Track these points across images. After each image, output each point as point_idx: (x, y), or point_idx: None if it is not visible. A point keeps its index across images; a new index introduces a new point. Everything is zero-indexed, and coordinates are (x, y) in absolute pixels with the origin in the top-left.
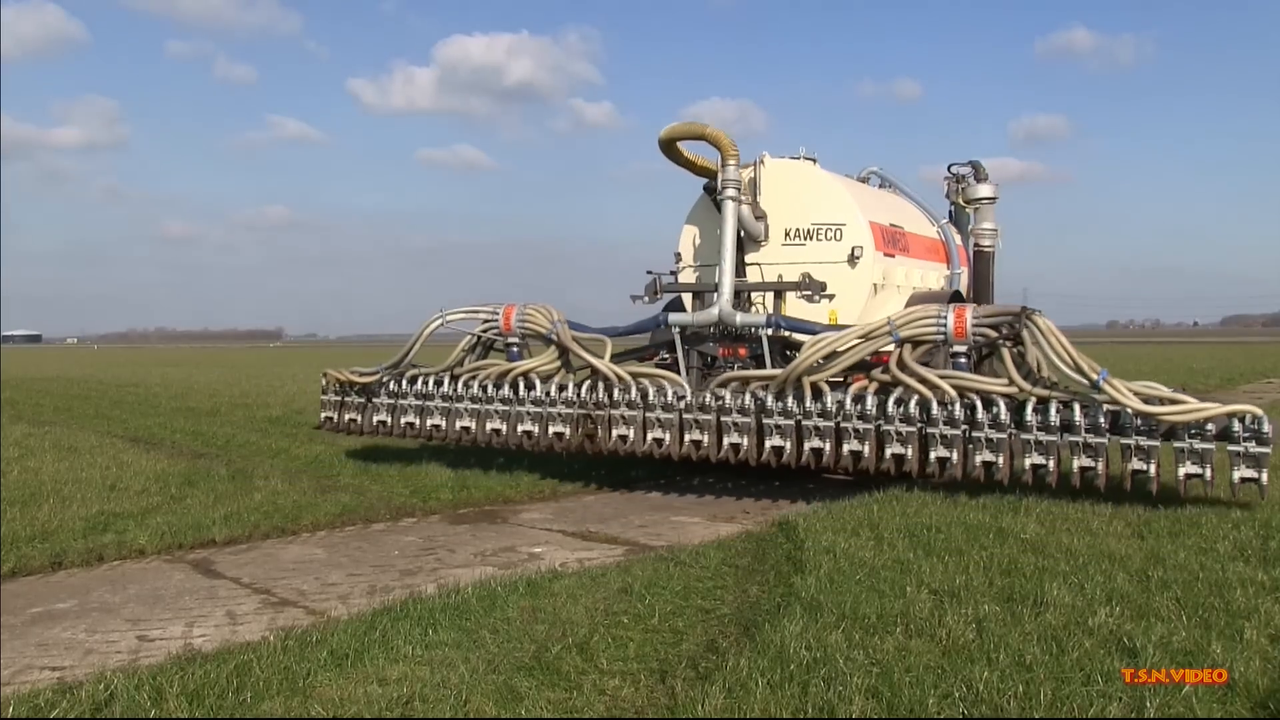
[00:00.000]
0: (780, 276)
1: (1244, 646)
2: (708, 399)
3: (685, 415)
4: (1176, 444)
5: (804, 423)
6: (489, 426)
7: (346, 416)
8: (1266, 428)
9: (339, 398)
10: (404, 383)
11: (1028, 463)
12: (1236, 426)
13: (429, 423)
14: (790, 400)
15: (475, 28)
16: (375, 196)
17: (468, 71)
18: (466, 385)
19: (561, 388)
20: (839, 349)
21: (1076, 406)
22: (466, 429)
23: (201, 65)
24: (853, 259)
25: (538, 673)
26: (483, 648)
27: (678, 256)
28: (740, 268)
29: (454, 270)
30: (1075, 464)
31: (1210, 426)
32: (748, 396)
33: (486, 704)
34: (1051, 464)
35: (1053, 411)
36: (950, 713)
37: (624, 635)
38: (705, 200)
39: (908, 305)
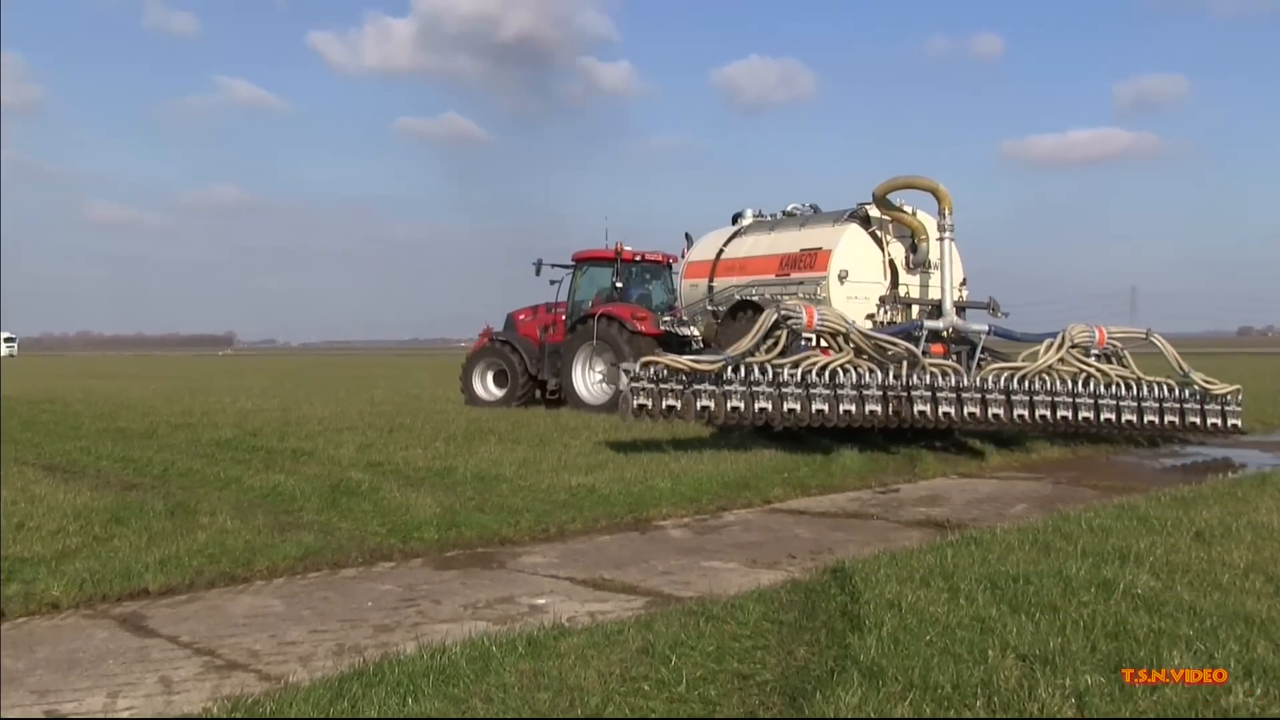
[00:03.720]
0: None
1: None
2: (978, 381)
3: (964, 394)
4: (1207, 405)
5: (1035, 397)
6: (814, 408)
7: (665, 403)
8: (1240, 398)
9: (655, 385)
10: (729, 370)
11: (1145, 419)
12: (1229, 397)
13: (756, 406)
14: (1027, 382)
15: None
16: (345, 175)
17: (455, 23)
18: (791, 374)
19: (872, 373)
20: (1056, 349)
21: (1165, 386)
22: (793, 411)
23: (129, 12)
24: (963, 285)
25: None
26: None
27: (844, 273)
28: (895, 286)
29: (441, 264)
30: (1165, 418)
31: (1226, 395)
32: (1003, 379)
33: None
34: (1155, 419)
35: (1155, 389)
36: None
37: (645, 706)
38: (856, 229)
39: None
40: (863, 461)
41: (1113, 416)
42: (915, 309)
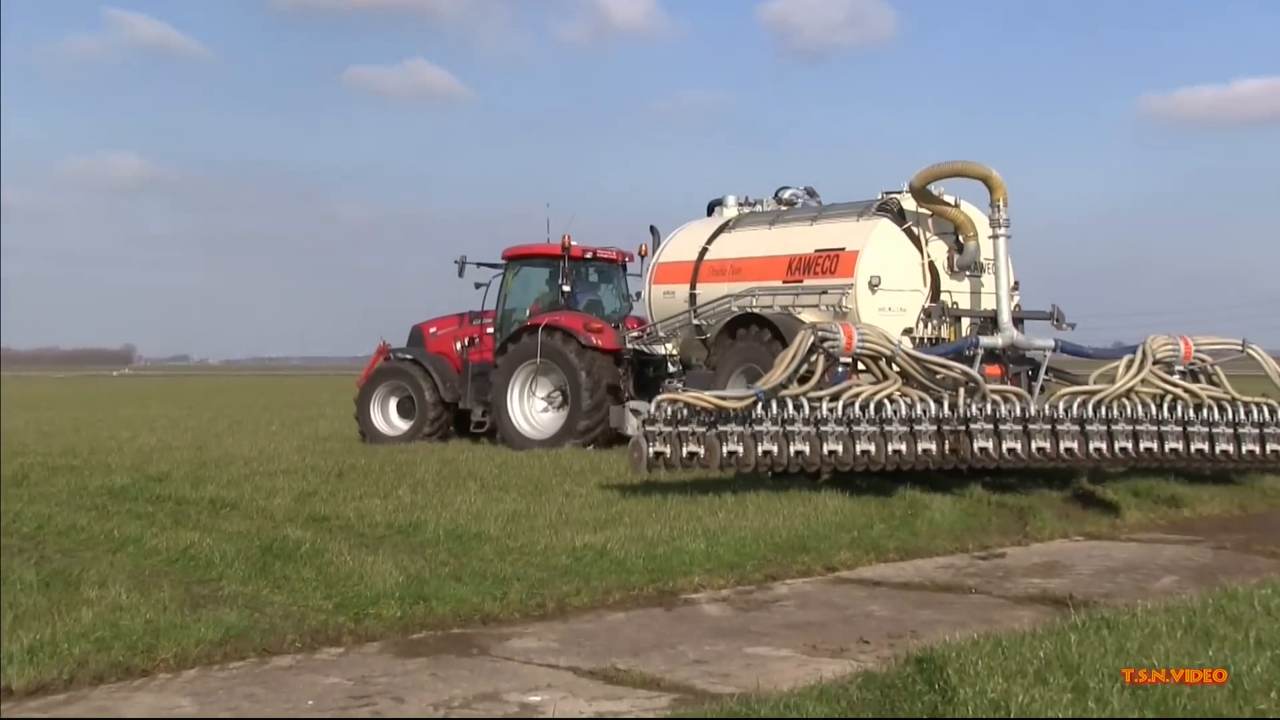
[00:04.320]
0: (996, 303)
1: None
2: (1046, 409)
3: (1030, 425)
4: None
5: (1113, 426)
6: (859, 449)
7: (686, 450)
8: None
9: (673, 428)
10: (759, 408)
11: (1243, 448)
12: None
13: (792, 449)
14: (1104, 409)
15: None
16: (280, 141)
17: None
18: (831, 408)
19: (924, 404)
20: (1136, 368)
21: (1265, 408)
22: (834, 453)
23: None
24: (1014, 289)
25: None
26: None
27: (876, 279)
28: (935, 294)
29: (408, 254)
30: (1267, 447)
31: None
32: (1075, 406)
33: None
34: (1255, 448)
35: (1254, 411)
36: None
37: None
38: (887, 225)
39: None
40: (957, 515)
41: (1205, 446)
42: (965, 322)
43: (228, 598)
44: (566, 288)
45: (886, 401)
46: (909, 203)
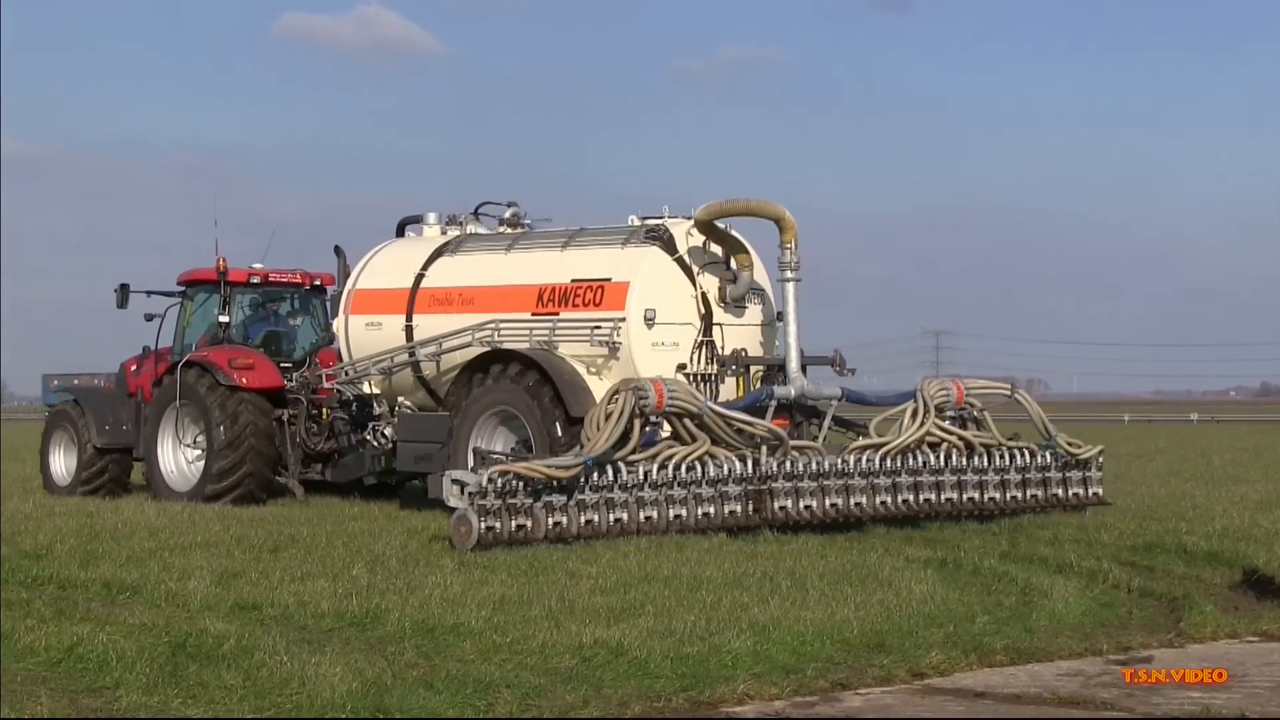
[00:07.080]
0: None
1: None
2: (839, 464)
3: (825, 482)
4: (1069, 472)
5: (897, 479)
6: (672, 513)
7: (514, 523)
8: (1102, 462)
9: (501, 500)
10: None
11: (1008, 494)
12: (1092, 462)
13: (611, 517)
14: (894, 461)
15: None
16: (190, 113)
17: None
18: (647, 471)
19: (729, 463)
20: (922, 417)
21: (1025, 451)
22: (650, 519)
23: None
24: (778, 321)
25: None
26: None
27: (651, 313)
28: (708, 328)
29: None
30: (1028, 491)
31: (1100, 459)
32: (864, 459)
33: None
34: (1018, 494)
35: (1017, 456)
36: None
37: None
38: (658, 255)
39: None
40: (1086, 606)
41: (977, 495)
42: (754, 370)
43: (126, 711)
44: (224, 318)
45: (698, 463)
46: (679, 230)
